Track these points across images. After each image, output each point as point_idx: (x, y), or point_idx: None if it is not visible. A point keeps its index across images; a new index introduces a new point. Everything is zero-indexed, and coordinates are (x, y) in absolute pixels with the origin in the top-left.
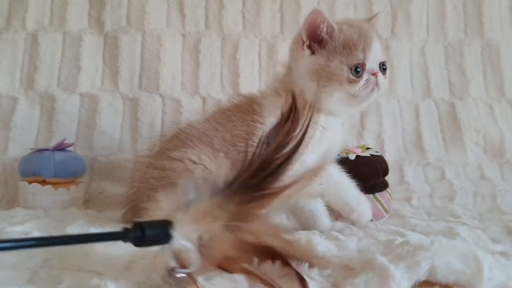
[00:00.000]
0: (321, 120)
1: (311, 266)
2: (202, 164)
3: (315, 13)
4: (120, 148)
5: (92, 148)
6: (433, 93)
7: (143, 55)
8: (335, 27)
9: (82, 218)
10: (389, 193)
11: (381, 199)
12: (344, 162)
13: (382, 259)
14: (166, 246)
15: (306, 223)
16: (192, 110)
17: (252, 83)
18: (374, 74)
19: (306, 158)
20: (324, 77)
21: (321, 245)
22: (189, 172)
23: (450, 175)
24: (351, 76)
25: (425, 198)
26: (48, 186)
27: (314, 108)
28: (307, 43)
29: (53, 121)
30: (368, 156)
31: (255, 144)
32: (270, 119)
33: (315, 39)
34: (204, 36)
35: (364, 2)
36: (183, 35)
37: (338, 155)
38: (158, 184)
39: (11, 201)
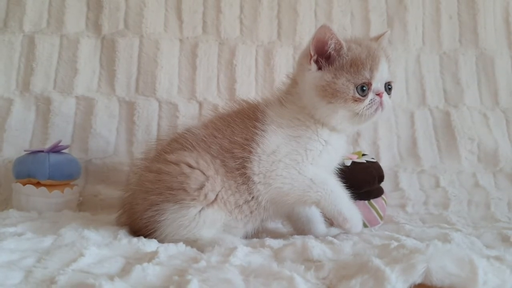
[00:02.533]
0: (325, 134)
1: None
2: (199, 169)
3: (324, 29)
4: (115, 151)
5: (87, 151)
6: (428, 101)
7: (140, 58)
8: (344, 44)
9: (76, 221)
10: (384, 200)
11: (376, 205)
12: (340, 168)
13: (377, 261)
14: None
15: (302, 229)
16: (188, 115)
17: (249, 88)
18: (379, 94)
19: (304, 168)
20: (329, 94)
21: (317, 248)
22: (185, 176)
23: (444, 183)
24: (357, 95)
25: (420, 205)
26: (43, 188)
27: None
28: (314, 58)
29: (48, 123)
30: (364, 163)
31: (253, 150)
32: (271, 127)
33: (323, 54)
34: (202, 41)
35: (361, 11)
36: (180, 40)
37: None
38: (153, 188)
39: (4, 203)
